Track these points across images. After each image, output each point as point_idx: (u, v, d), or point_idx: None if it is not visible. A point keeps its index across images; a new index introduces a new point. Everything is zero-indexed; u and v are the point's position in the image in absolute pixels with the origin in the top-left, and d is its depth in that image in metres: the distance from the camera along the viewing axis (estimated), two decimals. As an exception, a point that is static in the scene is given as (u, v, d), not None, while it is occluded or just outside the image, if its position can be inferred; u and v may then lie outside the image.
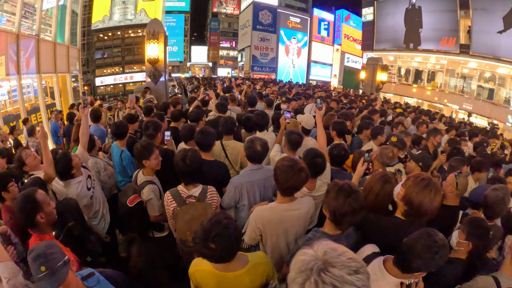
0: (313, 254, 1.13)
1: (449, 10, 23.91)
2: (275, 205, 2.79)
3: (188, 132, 4.28)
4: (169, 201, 3.13)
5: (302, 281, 1.08)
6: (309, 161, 3.05)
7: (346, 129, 5.16)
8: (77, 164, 3.60)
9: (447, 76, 25.84)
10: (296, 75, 42.55)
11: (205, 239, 1.97)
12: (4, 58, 13.97)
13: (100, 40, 42.92)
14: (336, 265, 1.08)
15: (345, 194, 2.22)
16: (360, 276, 1.07)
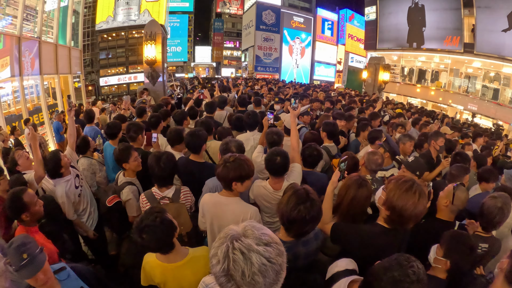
0: (235, 229, 1.23)
1: (452, 8, 23.55)
2: (216, 194, 2.90)
3: (175, 136, 4.21)
4: (144, 203, 3.23)
5: (218, 246, 1.19)
6: (269, 159, 3.08)
7: (337, 130, 5.01)
8: (65, 163, 3.67)
9: (451, 75, 25.50)
10: (300, 75, 42.49)
11: (138, 230, 2.17)
12: (6, 60, 14.07)
13: (104, 41, 42.95)
14: (249, 236, 1.18)
15: (298, 200, 2.11)
16: (268, 248, 1.16)
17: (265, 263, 1.13)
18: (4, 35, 13.94)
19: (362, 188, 2.76)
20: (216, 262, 1.17)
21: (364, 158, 3.74)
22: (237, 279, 1.13)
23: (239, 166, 2.68)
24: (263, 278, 1.13)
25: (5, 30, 14.23)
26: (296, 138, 3.73)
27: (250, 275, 1.12)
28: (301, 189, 2.18)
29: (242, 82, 16.61)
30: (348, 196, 2.79)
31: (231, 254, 1.14)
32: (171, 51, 47.95)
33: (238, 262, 1.13)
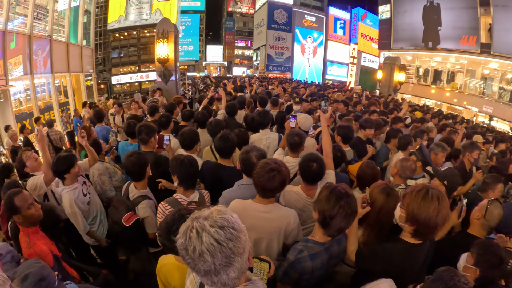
0: (205, 211, 1.32)
1: (468, 7, 23.04)
2: (250, 201, 2.70)
3: (190, 138, 4.03)
4: (167, 209, 2.93)
5: (185, 223, 1.30)
6: (303, 166, 2.95)
7: (352, 134, 4.72)
8: (74, 172, 3.53)
9: (467, 77, 24.92)
10: (312, 75, 42.19)
11: (167, 232, 2.12)
12: (17, 59, 14.11)
13: (116, 40, 43.47)
14: (208, 218, 1.27)
15: (338, 196, 2.13)
16: (220, 231, 1.23)
17: (213, 244, 1.22)
18: (16, 34, 14.00)
19: (390, 197, 2.59)
20: (179, 236, 1.29)
21: (397, 166, 3.55)
22: (190, 254, 1.24)
23: (284, 176, 2.55)
24: (211, 258, 1.22)
25: (16, 29, 14.27)
26: (328, 142, 3.52)
27: (200, 252, 1.22)
28: (339, 186, 2.20)
29: (255, 81, 16.29)
30: (375, 206, 2.61)
31: (189, 231, 1.26)
32: (183, 50, 48.02)
33: (192, 239, 1.24)
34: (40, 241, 2.84)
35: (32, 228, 2.90)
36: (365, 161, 3.71)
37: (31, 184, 3.70)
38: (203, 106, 6.47)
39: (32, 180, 3.74)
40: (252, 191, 2.80)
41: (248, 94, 9.49)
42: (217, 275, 1.26)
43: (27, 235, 2.84)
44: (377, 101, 10.30)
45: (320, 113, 3.74)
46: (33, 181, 3.71)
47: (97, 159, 3.71)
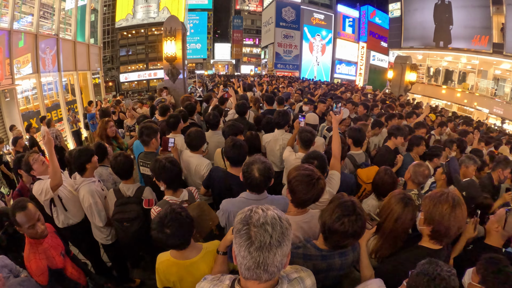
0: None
1: (480, 6, 22.61)
2: (290, 217, 2.43)
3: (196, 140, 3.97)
4: None
5: (248, 208, 1.46)
6: (305, 161, 2.95)
7: (363, 136, 4.58)
8: (94, 163, 3.76)
9: (479, 77, 24.44)
10: (320, 73, 41.93)
11: (161, 225, 2.15)
12: (25, 57, 14.09)
13: (124, 38, 43.64)
14: (267, 206, 1.45)
15: (344, 211, 2.00)
16: (281, 214, 1.43)
17: (276, 218, 1.38)
18: (23, 33, 13.99)
19: (408, 207, 2.51)
20: (239, 213, 1.45)
21: (410, 170, 3.45)
22: (252, 223, 1.36)
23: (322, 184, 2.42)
24: (272, 229, 1.34)
25: (22, 28, 14.23)
26: (338, 143, 3.46)
27: (263, 221, 1.35)
28: (349, 200, 2.05)
29: (265, 81, 16.03)
30: (392, 216, 2.54)
31: (254, 208, 1.42)
32: (191, 48, 48.08)
33: (258, 212, 1.39)
34: (37, 256, 2.77)
35: (40, 240, 2.84)
36: (384, 168, 3.50)
37: (37, 188, 3.57)
38: (213, 106, 6.28)
39: (38, 184, 3.60)
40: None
41: (258, 92, 9.30)
42: (268, 252, 1.34)
43: (28, 245, 2.78)
44: (393, 103, 9.79)
45: (332, 114, 3.71)
46: (39, 185, 3.57)
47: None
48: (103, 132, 5.44)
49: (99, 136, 5.46)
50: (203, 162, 3.98)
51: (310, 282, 1.74)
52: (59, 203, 3.70)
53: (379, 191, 3.41)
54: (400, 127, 4.91)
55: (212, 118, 4.98)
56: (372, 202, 3.48)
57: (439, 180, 3.87)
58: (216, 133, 4.94)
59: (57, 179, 3.39)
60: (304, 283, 1.69)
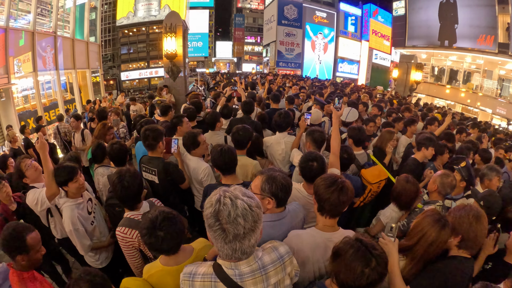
0: (226, 187, 1.53)
1: (486, 5, 22.33)
2: (314, 231, 2.26)
3: (190, 141, 3.74)
4: (128, 233, 2.64)
5: (212, 195, 1.50)
6: (303, 164, 2.79)
7: (364, 135, 4.30)
8: (77, 187, 3.17)
9: (484, 77, 24.11)
10: (322, 71, 41.65)
11: (152, 228, 2.03)
12: (24, 56, 13.89)
13: (125, 36, 43.71)
14: (237, 189, 1.52)
15: (364, 262, 1.62)
16: (251, 200, 1.49)
17: (246, 208, 1.44)
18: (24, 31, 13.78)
19: (444, 230, 2.25)
20: (208, 206, 1.48)
21: (436, 182, 3.23)
22: (223, 219, 1.42)
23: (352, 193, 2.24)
24: (244, 221, 1.43)
25: (18, 26, 13.97)
26: (337, 141, 3.29)
27: (234, 216, 1.42)
28: (360, 246, 1.68)
29: (267, 79, 15.65)
30: (425, 239, 2.28)
31: (222, 199, 1.45)
32: (192, 46, 47.85)
33: (227, 204, 1.43)
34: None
35: (29, 273, 2.47)
36: (405, 176, 3.27)
37: (32, 198, 3.26)
38: (222, 106, 5.92)
39: (33, 193, 3.29)
40: (279, 229, 2.30)
41: (261, 91, 9.00)
42: (242, 240, 1.47)
43: (22, 283, 2.41)
44: (409, 106, 9.24)
45: (333, 109, 3.52)
46: (34, 195, 3.27)
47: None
48: (101, 136, 5.11)
49: (96, 139, 5.11)
50: (200, 166, 3.74)
51: (284, 250, 1.81)
52: (56, 213, 3.39)
53: (401, 201, 3.19)
54: (431, 137, 4.44)
55: (210, 118, 4.70)
56: (392, 214, 3.28)
57: (457, 187, 3.61)
58: (216, 134, 4.67)
59: (53, 188, 3.08)
60: (278, 250, 1.77)
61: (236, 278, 1.59)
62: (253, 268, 1.62)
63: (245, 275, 1.60)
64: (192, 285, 1.71)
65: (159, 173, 3.58)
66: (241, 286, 1.60)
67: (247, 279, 1.60)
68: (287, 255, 1.80)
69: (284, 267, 1.76)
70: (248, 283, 1.61)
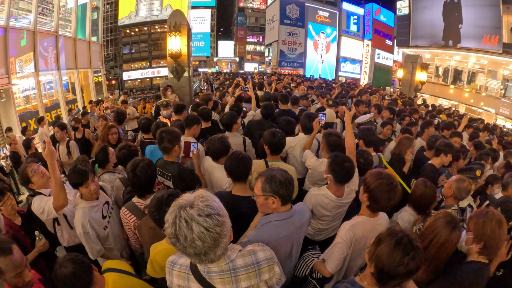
0: (187, 198, 1.51)
1: (490, 5, 22.01)
2: (362, 219, 2.58)
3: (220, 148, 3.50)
4: (127, 215, 3.00)
5: (170, 212, 1.48)
6: (337, 167, 2.83)
7: (374, 136, 4.27)
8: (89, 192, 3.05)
9: (488, 77, 23.90)
10: (325, 71, 41.53)
11: (160, 205, 2.21)
12: (26, 56, 13.76)
13: (127, 36, 43.73)
14: (194, 206, 1.45)
15: (404, 251, 1.76)
16: (208, 219, 1.44)
17: (203, 231, 1.42)
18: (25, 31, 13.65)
19: (455, 232, 2.36)
20: (167, 226, 1.47)
21: (452, 187, 3.28)
22: (181, 242, 1.44)
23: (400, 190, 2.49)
24: (202, 243, 1.43)
25: (19, 25, 13.83)
26: (352, 141, 3.42)
27: (191, 240, 1.42)
28: (403, 236, 1.81)
29: (274, 79, 15.41)
30: (437, 240, 2.38)
31: (177, 221, 1.43)
32: (194, 46, 47.86)
33: (182, 228, 1.42)
34: None
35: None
36: (423, 181, 3.33)
37: (38, 206, 3.10)
38: (231, 106, 5.69)
39: (39, 201, 3.13)
40: (286, 228, 2.33)
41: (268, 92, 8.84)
42: (205, 255, 1.50)
43: None
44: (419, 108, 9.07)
45: (346, 110, 3.61)
46: (40, 202, 3.11)
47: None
48: (104, 138, 4.97)
49: (100, 141, 5.00)
50: (226, 176, 3.53)
51: (263, 256, 1.79)
52: (63, 221, 3.27)
53: (420, 205, 3.26)
54: (451, 143, 4.35)
55: (227, 118, 4.52)
56: (409, 218, 3.32)
57: None
58: (233, 135, 4.45)
59: (61, 199, 2.93)
60: (256, 255, 1.77)
61: (205, 274, 1.65)
62: (222, 268, 1.65)
63: (213, 273, 1.65)
64: (171, 273, 1.81)
65: (173, 178, 3.41)
66: (209, 282, 1.66)
67: (215, 277, 1.65)
68: (265, 261, 1.79)
69: (259, 273, 1.76)
70: (216, 281, 1.66)
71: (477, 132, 7.15)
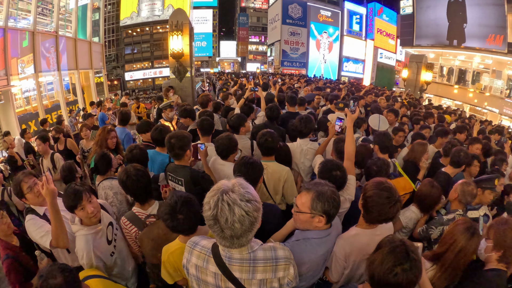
0: (226, 183, 1.59)
1: (495, 4, 21.85)
2: (361, 230, 2.41)
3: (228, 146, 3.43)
4: (128, 226, 2.86)
5: (211, 196, 1.55)
6: (326, 174, 2.66)
7: (390, 142, 4.07)
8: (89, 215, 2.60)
9: (493, 77, 23.67)
10: (327, 71, 41.40)
11: (173, 212, 2.19)
12: (27, 57, 13.61)
13: (129, 36, 43.69)
14: (236, 192, 1.53)
15: (396, 260, 1.67)
16: (249, 204, 1.52)
17: (243, 215, 1.50)
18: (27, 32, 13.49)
19: (474, 238, 2.35)
20: (208, 208, 1.54)
21: (457, 190, 3.25)
22: (222, 223, 1.51)
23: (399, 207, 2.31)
24: (240, 225, 1.51)
25: (18, 25, 13.66)
26: (352, 145, 3.18)
27: (231, 222, 1.49)
28: (400, 245, 1.74)
29: (278, 79, 15.14)
30: (455, 247, 2.38)
31: (220, 204, 1.50)
32: (196, 46, 47.64)
33: (224, 211, 1.49)
34: None
35: None
36: (429, 181, 3.39)
37: (34, 232, 2.76)
38: (240, 106, 5.55)
39: (34, 226, 2.77)
40: (325, 246, 2.27)
41: (273, 93, 8.61)
42: (239, 238, 1.57)
43: None
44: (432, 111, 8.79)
45: (348, 112, 3.35)
46: (36, 229, 2.76)
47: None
48: (103, 142, 4.65)
49: (97, 146, 4.66)
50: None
51: (282, 254, 1.82)
52: (64, 251, 2.92)
53: (424, 204, 3.31)
54: (469, 154, 4.23)
55: (234, 120, 4.30)
56: (411, 215, 3.35)
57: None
58: (241, 138, 4.18)
59: (61, 243, 2.59)
60: (276, 252, 1.80)
61: (226, 259, 1.71)
62: (243, 257, 1.70)
63: (234, 259, 1.70)
64: (191, 253, 1.86)
65: (186, 183, 3.25)
66: (228, 268, 1.71)
67: (235, 264, 1.70)
68: (283, 260, 1.81)
69: (276, 269, 1.79)
70: (234, 268, 1.71)
71: (489, 136, 6.96)
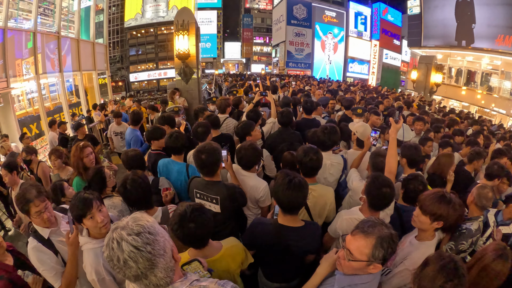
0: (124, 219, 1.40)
1: (504, 4, 21.48)
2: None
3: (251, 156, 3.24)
4: None
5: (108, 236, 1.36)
6: (375, 190, 2.46)
7: (420, 155, 3.70)
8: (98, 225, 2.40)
9: (502, 78, 23.27)
10: (332, 72, 41.20)
11: (183, 220, 2.03)
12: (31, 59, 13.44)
13: (133, 37, 44.01)
14: (125, 227, 1.34)
15: (447, 277, 1.68)
16: (137, 238, 1.31)
17: (133, 251, 1.30)
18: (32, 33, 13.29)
19: (508, 262, 2.18)
20: (104, 249, 1.37)
21: (473, 193, 3.17)
22: (116, 263, 1.32)
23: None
24: (135, 263, 1.30)
25: (19, 26, 13.48)
26: (395, 159, 3.01)
27: (124, 260, 1.30)
28: (450, 261, 1.73)
29: (290, 81, 14.77)
30: (489, 274, 2.20)
31: (110, 243, 1.33)
32: (201, 47, 47.65)
33: (115, 249, 1.32)
34: None
35: None
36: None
37: (36, 258, 2.54)
38: (248, 111, 5.18)
39: (37, 253, 2.55)
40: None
41: (281, 95, 8.34)
42: (146, 278, 1.36)
43: None
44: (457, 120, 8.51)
45: (392, 122, 3.18)
46: (40, 266, 2.54)
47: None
48: (78, 162, 3.92)
49: (73, 167, 4.04)
50: (260, 184, 3.21)
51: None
52: None
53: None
54: (481, 152, 4.43)
55: (240, 129, 4.08)
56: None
57: None
58: None
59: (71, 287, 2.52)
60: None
61: None
62: None
63: None
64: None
65: (222, 201, 2.90)
66: None
67: None
68: None
69: None
70: None
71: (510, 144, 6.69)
